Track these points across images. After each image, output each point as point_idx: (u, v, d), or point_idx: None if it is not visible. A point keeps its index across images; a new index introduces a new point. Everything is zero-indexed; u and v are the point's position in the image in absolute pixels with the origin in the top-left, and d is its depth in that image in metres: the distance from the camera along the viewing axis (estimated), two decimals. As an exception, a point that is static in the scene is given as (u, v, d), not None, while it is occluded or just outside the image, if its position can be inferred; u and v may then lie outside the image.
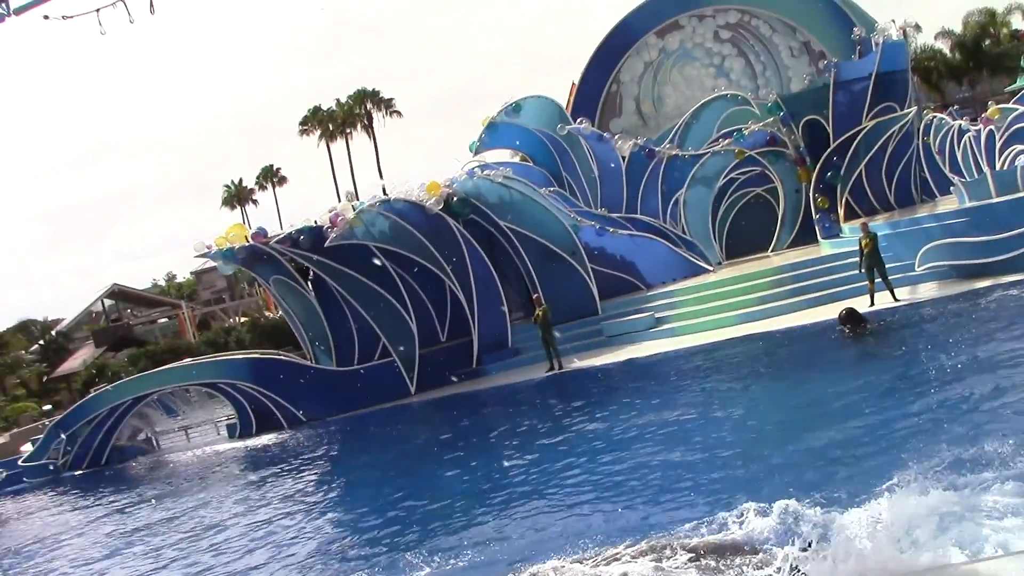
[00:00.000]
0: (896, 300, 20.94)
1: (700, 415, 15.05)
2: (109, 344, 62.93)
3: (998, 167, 26.35)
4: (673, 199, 31.05)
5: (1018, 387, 11.76)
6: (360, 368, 27.43)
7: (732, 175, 30.84)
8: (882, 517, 7.76)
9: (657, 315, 25.80)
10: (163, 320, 72.15)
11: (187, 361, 31.11)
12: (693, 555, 7.81)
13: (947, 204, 24.61)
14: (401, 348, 27.00)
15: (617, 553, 8.38)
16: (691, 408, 15.73)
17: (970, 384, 12.39)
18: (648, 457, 12.84)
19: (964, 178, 27.01)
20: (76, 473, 28.51)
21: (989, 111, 28.46)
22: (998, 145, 27.64)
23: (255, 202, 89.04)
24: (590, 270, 27.39)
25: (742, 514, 8.78)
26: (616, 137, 31.84)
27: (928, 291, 21.30)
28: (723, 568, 7.44)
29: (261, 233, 27.82)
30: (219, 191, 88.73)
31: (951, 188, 24.99)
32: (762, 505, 8.80)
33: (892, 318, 19.63)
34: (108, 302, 72.82)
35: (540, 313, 24.51)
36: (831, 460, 10.57)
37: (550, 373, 24.02)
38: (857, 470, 9.51)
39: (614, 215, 29.79)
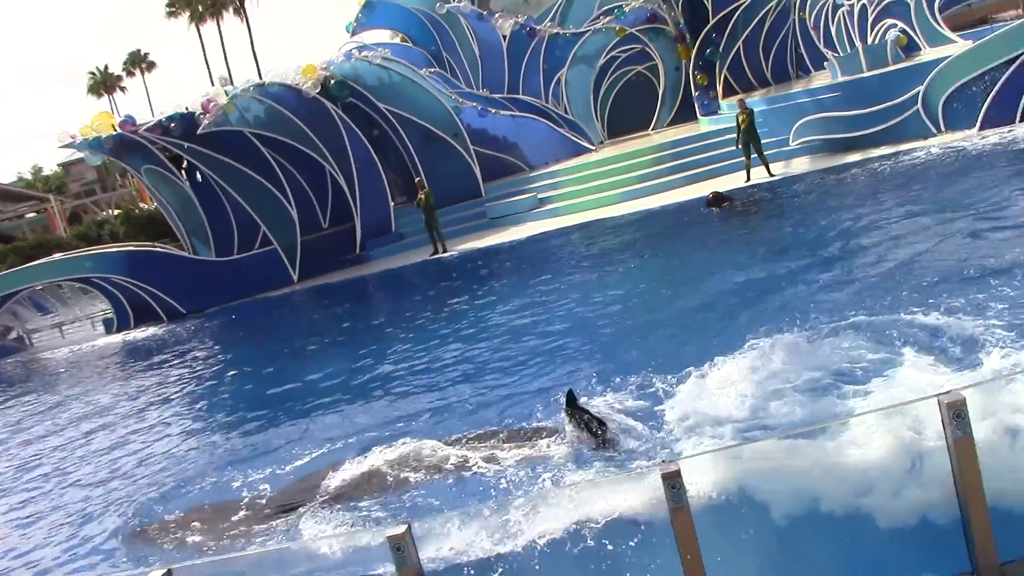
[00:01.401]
0: (771, 175, 21.37)
1: (574, 293, 15.23)
2: (-26, 242, 59.92)
3: (870, 41, 26.73)
4: (555, 78, 30.81)
5: (875, 252, 12.23)
6: (240, 257, 26.81)
7: (613, 53, 30.72)
8: (723, 380, 8.04)
9: (540, 196, 25.87)
10: (31, 215, 68.85)
11: (57, 256, 29.83)
12: (512, 441, 8.49)
13: (821, 79, 25.00)
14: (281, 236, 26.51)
15: (461, 438, 8.85)
16: (566, 286, 15.93)
17: (832, 251, 12.91)
18: (524, 336, 12.95)
19: (837, 53, 27.36)
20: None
21: (863, -15, 28.63)
22: (870, 19, 27.95)
23: (123, 89, 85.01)
24: (473, 152, 27.14)
25: (592, 386, 9.06)
26: (496, 15, 31.17)
27: (801, 165, 21.80)
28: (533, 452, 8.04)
29: (129, 121, 26.54)
30: (85, 79, 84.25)
31: (824, 63, 25.33)
32: (618, 378, 9.07)
33: (766, 192, 20.07)
34: (-30, 198, 69.11)
35: (423, 197, 24.24)
36: (693, 329, 10.86)
37: (434, 256, 23.91)
38: (720, 339, 9.75)
39: (496, 96, 29.39)
